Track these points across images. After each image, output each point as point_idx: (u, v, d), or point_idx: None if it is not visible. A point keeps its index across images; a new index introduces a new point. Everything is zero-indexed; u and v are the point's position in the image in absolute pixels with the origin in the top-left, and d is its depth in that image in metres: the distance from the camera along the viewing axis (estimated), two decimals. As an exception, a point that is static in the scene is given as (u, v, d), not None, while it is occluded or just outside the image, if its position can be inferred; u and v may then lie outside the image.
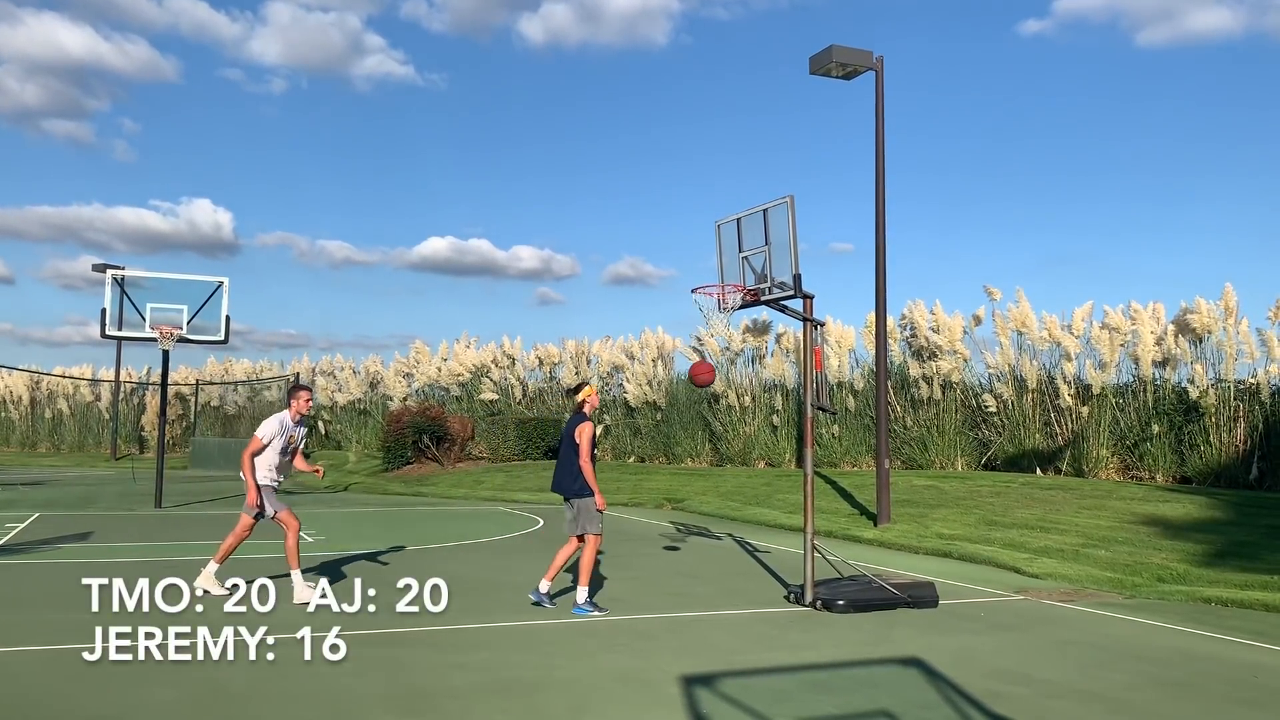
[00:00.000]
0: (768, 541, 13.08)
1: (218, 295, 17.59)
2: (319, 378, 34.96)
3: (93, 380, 38.59)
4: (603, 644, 6.97)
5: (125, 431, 37.18)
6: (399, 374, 32.20)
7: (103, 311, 16.98)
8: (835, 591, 8.45)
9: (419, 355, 32.19)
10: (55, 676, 5.85)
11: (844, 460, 19.99)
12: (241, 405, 36.31)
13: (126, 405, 37.70)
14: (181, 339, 17.37)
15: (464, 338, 31.29)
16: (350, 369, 34.64)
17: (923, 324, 19.43)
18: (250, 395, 35.99)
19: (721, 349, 22.89)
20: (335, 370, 35.12)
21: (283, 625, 7.40)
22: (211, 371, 38.96)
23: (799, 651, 6.88)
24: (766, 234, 8.29)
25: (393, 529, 14.45)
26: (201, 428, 36.68)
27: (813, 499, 8.67)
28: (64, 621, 7.32)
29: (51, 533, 12.79)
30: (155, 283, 17.76)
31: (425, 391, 31.03)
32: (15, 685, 5.63)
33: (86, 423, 38.13)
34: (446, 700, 5.50)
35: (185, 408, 37.42)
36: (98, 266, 31.12)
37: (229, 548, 8.88)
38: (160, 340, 17.11)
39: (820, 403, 8.55)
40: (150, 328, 17.15)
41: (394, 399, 30.95)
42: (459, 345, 31.14)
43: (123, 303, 17.12)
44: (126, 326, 17.31)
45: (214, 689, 5.63)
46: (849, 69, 13.68)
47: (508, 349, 29.64)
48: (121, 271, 17.78)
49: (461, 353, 30.55)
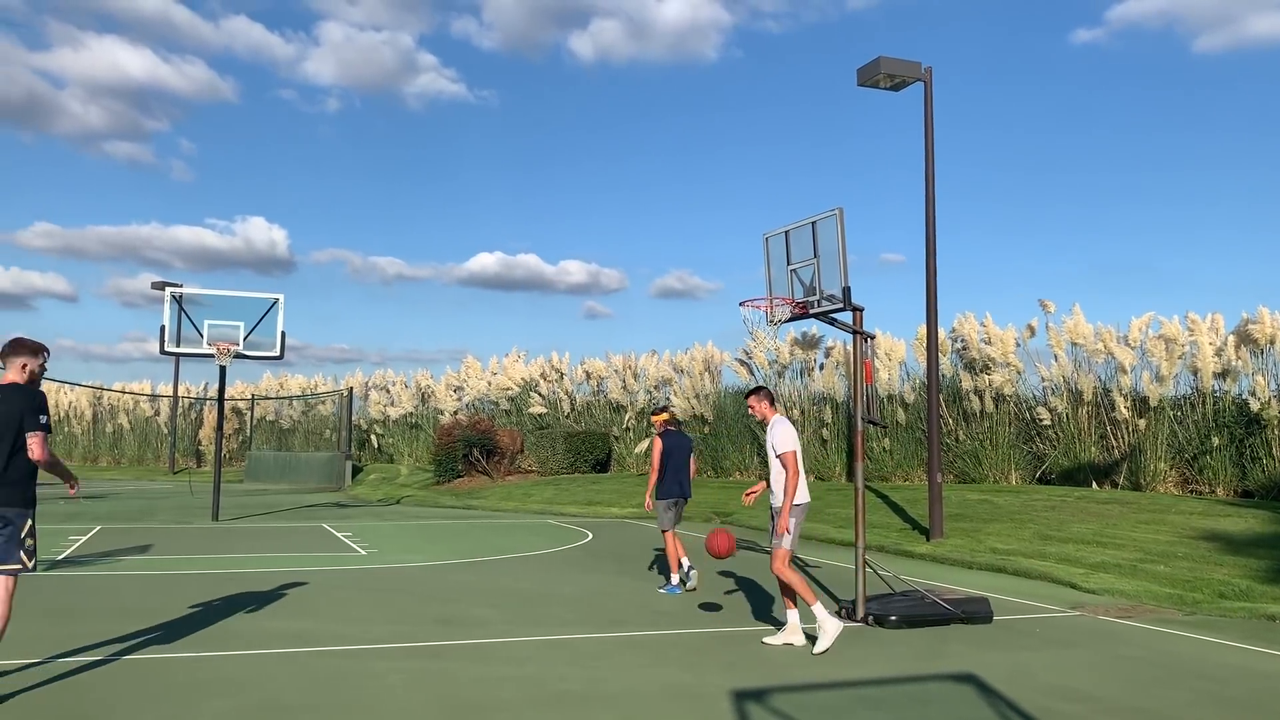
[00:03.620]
0: (818, 556, 12.98)
1: (273, 312, 17.92)
2: (372, 391, 35.39)
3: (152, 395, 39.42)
4: (652, 658, 6.96)
5: (183, 445, 37.93)
6: (449, 388, 32.52)
7: (161, 329, 17.36)
8: (887, 607, 8.37)
9: (469, 369, 32.49)
10: (116, 686, 5.97)
11: (895, 474, 19.79)
12: (296, 420, 36.85)
13: (184, 420, 38.46)
14: (238, 355, 17.71)
15: (513, 352, 31.54)
16: (402, 383, 35.04)
17: (974, 336, 19.21)
18: (305, 410, 36.51)
19: (769, 362, 22.81)
20: (388, 384, 35.55)
21: (335, 639, 7.52)
22: (267, 386, 39.63)
23: (851, 667, 6.81)
24: (815, 246, 8.26)
25: (444, 541, 14.57)
26: (257, 442, 37.30)
27: (864, 513, 8.60)
28: (124, 632, 7.49)
29: (113, 545, 13.07)
30: (212, 300, 18.15)
31: (475, 405, 31.30)
32: (77, 695, 5.75)
33: (146, 437, 38.95)
34: (496, 713, 5.52)
35: (241, 422, 38.08)
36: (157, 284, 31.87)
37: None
38: (217, 356, 17.45)
39: (871, 416, 8.49)
40: (208, 344, 17.51)
41: (444, 413, 31.24)
42: (508, 359, 31.37)
43: (181, 320, 17.50)
44: (185, 343, 17.68)
45: (268, 701, 5.71)
46: (897, 80, 13.61)
47: (556, 363, 29.80)
48: (180, 289, 18.17)
49: (510, 367, 30.77)
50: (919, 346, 19.44)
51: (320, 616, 8.37)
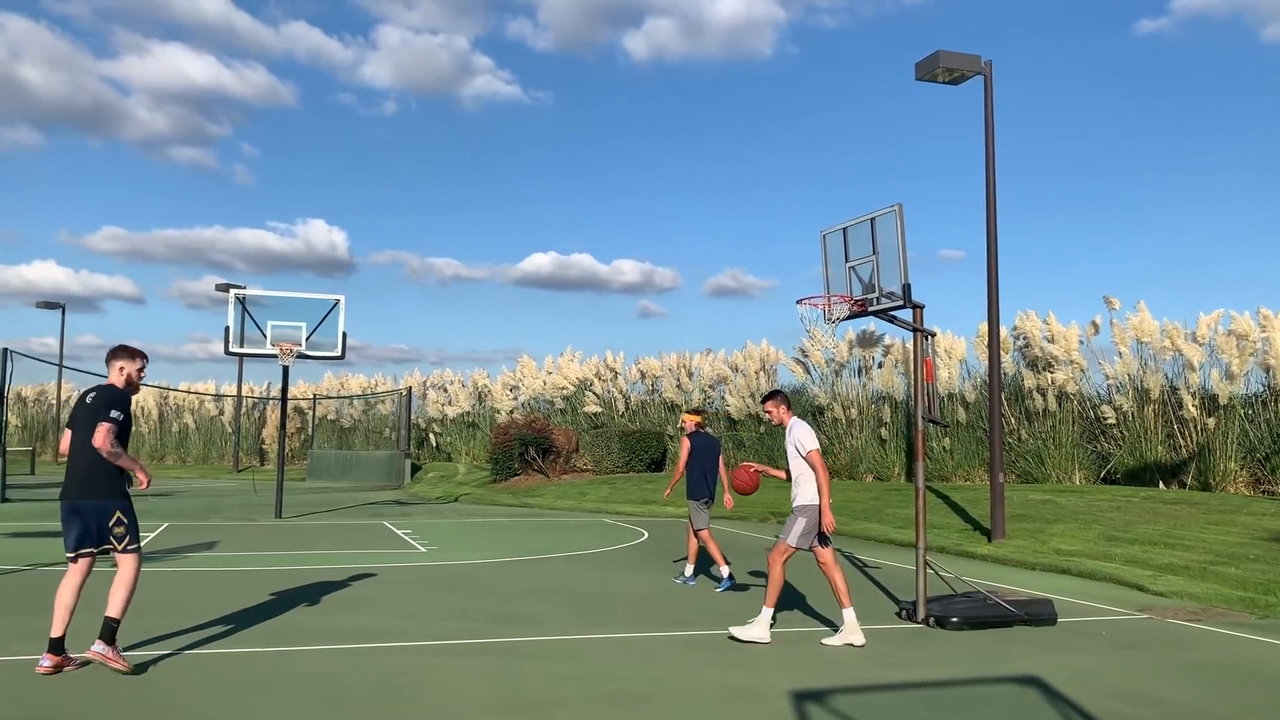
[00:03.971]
0: (877, 557, 12.86)
1: (334, 312, 18.19)
2: (430, 391, 35.78)
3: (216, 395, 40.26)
4: (711, 658, 6.95)
5: (247, 444, 38.68)
6: (505, 387, 32.77)
7: (226, 329, 17.71)
8: (949, 608, 8.26)
9: (524, 369, 32.71)
10: (185, 680, 6.10)
11: (955, 474, 19.54)
12: (357, 419, 37.38)
13: (248, 419, 39.22)
14: (300, 355, 18.01)
15: (568, 351, 31.70)
16: (459, 383, 35.38)
17: (1036, 334, 18.91)
18: (365, 409, 37.03)
19: (827, 360, 22.65)
20: (445, 384, 35.92)
21: (398, 634, 7.61)
22: (328, 386, 40.26)
23: (912, 668, 6.74)
24: (874, 243, 8.18)
25: (502, 539, 14.68)
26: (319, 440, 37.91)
27: (924, 513, 8.51)
28: (193, 627, 7.65)
29: (180, 542, 13.37)
30: (275, 301, 18.48)
31: (531, 404, 31.50)
32: (147, 688, 5.89)
33: (210, 436, 39.77)
34: (556, 710, 5.55)
35: (303, 421, 38.72)
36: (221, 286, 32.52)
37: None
38: (280, 357, 17.76)
39: (932, 415, 8.39)
40: (271, 345, 17.83)
41: (501, 412, 31.49)
42: (563, 359, 31.53)
43: (244, 321, 17.84)
44: (248, 344, 18.02)
45: (333, 695, 5.79)
46: (956, 74, 13.43)
47: (610, 362, 29.89)
48: (243, 291, 18.53)
49: (565, 366, 30.92)
50: (980, 344, 19.17)
51: (383, 613, 8.48)
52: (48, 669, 6.06)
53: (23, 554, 11.95)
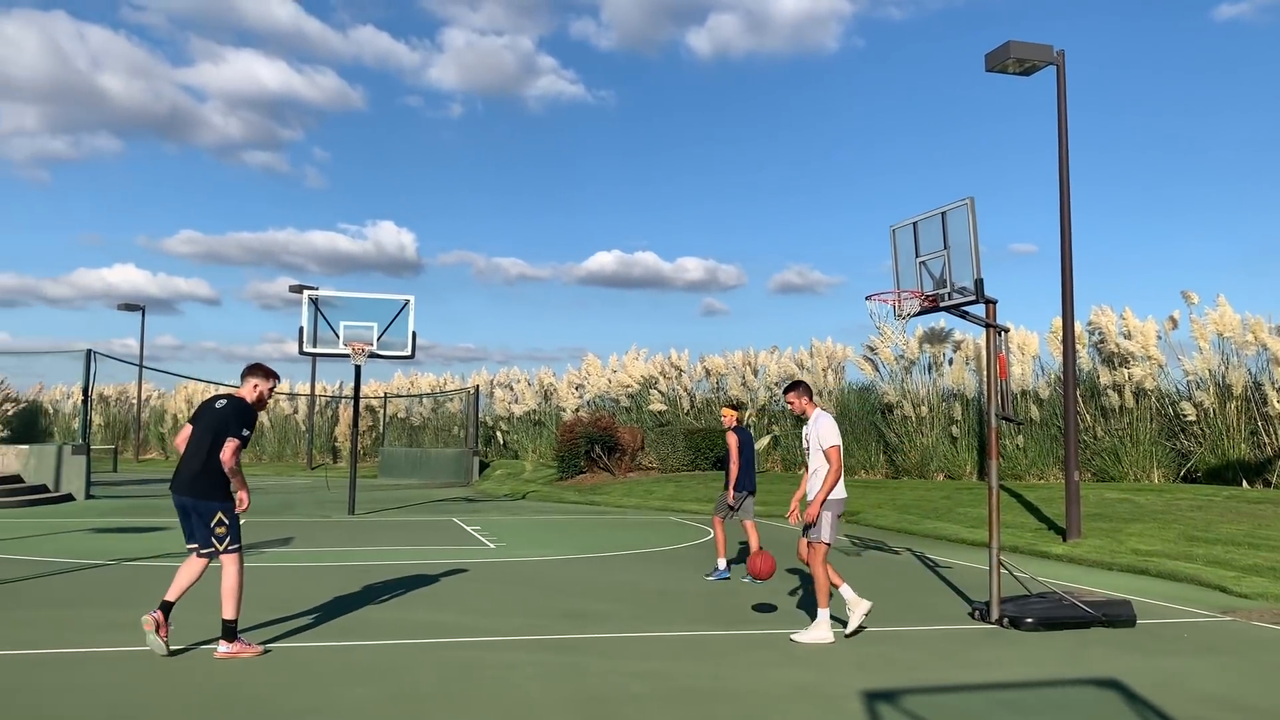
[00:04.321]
0: (949, 556, 12.67)
1: (404, 312, 18.45)
2: (497, 389, 36.12)
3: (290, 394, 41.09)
4: (779, 657, 6.91)
5: (320, 442, 39.44)
6: (571, 385, 32.93)
7: (300, 330, 18.07)
8: (1023, 608, 8.10)
9: (589, 367, 32.85)
10: (264, 673, 6.24)
11: (1029, 472, 19.17)
12: (426, 417, 37.88)
13: (321, 418, 39.97)
14: (372, 354, 18.30)
15: (632, 350, 31.75)
16: (525, 381, 35.65)
17: (1112, 329, 18.47)
18: (434, 407, 37.51)
19: (896, 357, 22.38)
20: (511, 382, 36.22)
21: (468, 630, 7.70)
22: (398, 385, 40.85)
23: (986, 669, 6.63)
24: (945, 237, 8.05)
25: (569, 537, 14.77)
26: (389, 438, 38.51)
27: (998, 512, 8.35)
28: (271, 621, 7.82)
29: (256, 537, 13.67)
30: (346, 302, 18.80)
31: (596, 402, 31.62)
32: (226, 680, 6.04)
33: (285, 434, 40.58)
34: (623, 706, 5.57)
35: (375, 419, 39.36)
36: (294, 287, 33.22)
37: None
38: (353, 356, 18.08)
39: (1005, 412, 8.24)
40: (344, 344, 18.15)
41: (566, 410, 31.66)
42: (628, 357, 31.59)
43: (317, 321, 18.18)
44: (321, 343, 18.37)
45: (407, 689, 5.88)
46: (1027, 65, 13.16)
47: (675, 360, 29.86)
48: (316, 292, 18.89)
49: (630, 364, 30.98)
50: (1053, 340, 18.79)
51: (453, 608, 8.58)
52: (148, 624, 6.46)
53: (107, 549, 12.34)
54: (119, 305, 41.06)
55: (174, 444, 6.84)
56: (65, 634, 7.30)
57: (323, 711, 5.39)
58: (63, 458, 20.80)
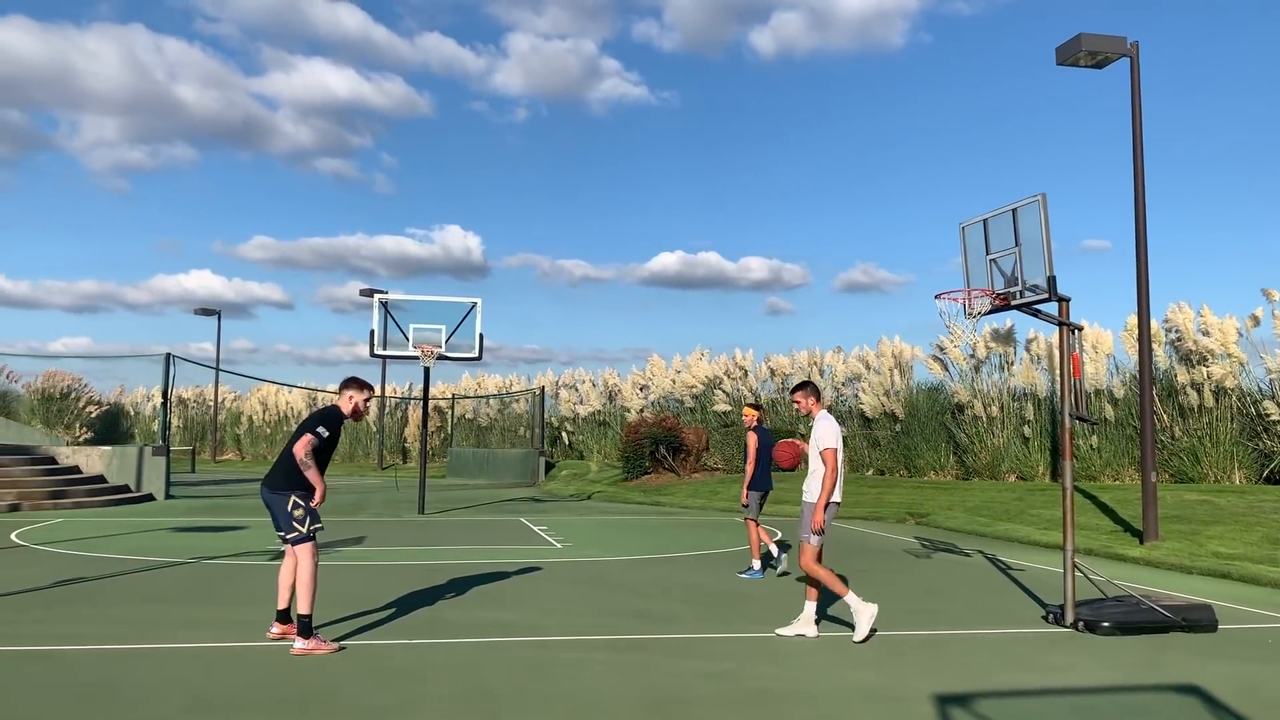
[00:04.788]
0: (1021, 559, 12.46)
1: (471, 315, 18.68)
2: (562, 390, 36.36)
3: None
4: (849, 659, 6.87)
5: (390, 443, 40.06)
6: (635, 386, 33.00)
7: (371, 333, 18.41)
8: (1099, 612, 7.94)
9: (654, 368, 32.88)
10: (339, 670, 6.38)
11: (1103, 473, 18.75)
12: (493, 418, 38.28)
13: (391, 419, 40.62)
14: (440, 357, 18.55)
15: (696, 350, 31.71)
16: (590, 382, 35.82)
17: (1190, 327, 17.98)
18: (500, 408, 37.89)
19: (966, 356, 22.06)
20: (576, 383, 36.42)
21: (538, 629, 7.78)
22: (465, 386, 41.32)
23: (1061, 674, 6.51)
24: (1016, 234, 7.93)
25: (635, 537, 14.82)
26: (457, 439, 38.99)
27: (1072, 514, 8.20)
28: (345, 618, 7.99)
29: (329, 537, 13.95)
30: (415, 305, 19.07)
31: (660, 403, 31.64)
32: (302, 677, 6.18)
33: (356, 435, 41.29)
34: (693, 707, 5.58)
35: (443, 420, 39.88)
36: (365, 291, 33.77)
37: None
38: (422, 358, 18.35)
39: (1079, 412, 8.08)
40: (413, 347, 18.43)
41: (631, 411, 31.74)
42: (692, 357, 31.56)
43: (387, 324, 18.49)
44: (391, 346, 18.68)
45: (478, 687, 5.97)
46: (1100, 57, 12.89)
47: (739, 360, 29.76)
48: (386, 295, 19.22)
49: (694, 365, 30.94)
50: (1128, 338, 18.36)
51: (522, 607, 8.68)
52: (275, 634, 7.09)
53: (186, 547, 12.69)
54: (196, 310, 42.14)
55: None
56: (149, 629, 7.53)
57: (397, 708, 5.50)
58: (144, 459, 21.45)
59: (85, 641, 7.08)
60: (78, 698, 5.61)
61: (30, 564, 11.03)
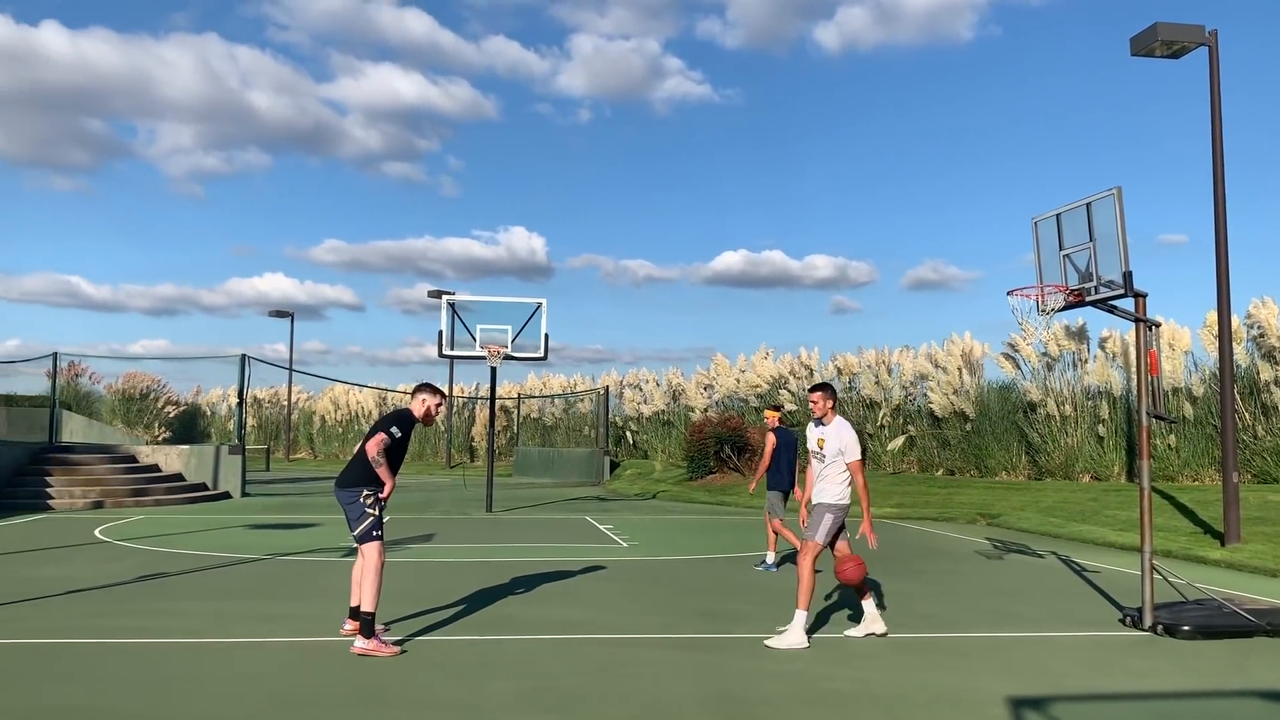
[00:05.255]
0: (1096, 560, 12.18)
1: (537, 315, 18.81)
2: (626, 390, 36.44)
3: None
4: (919, 661, 6.78)
5: (458, 442, 40.54)
6: (699, 386, 32.93)
7: (439, 334, 18.64)
8: (1179, 615, 7.73)
9: (718, 367, 32.78)
10: (408, 665, 6.47)
11: (1182, 473, 18.26)
12: (558, 417, 38.53)
13: (458, 418, 41.09)
14: (507, 357, 18.71)
15: (761, 349, 31.54)
16: (654, 381, 35.84)
17: (1273, 323, 17.43)
18: (565, 408, 38.11)
19: (1038, 354, 21.63)
20: (640, 383, 36.47)
21: (605, 627, 7.80)
22: (531, 386, 41.63)
23: (1139, 678, 6.35)
24: (1091, 229, 7.75)
25: (701, 537, 14.79)
26: (523, 438, 39.31)
27: (1150, 514, 7.99)
28: (416, 614, 8.10)
29: (399, 534, 14.16)
30: (482, 306, 19.25)
31: (725, 402, 31.54)
32: (373, 672, 6.28)
33: (425, 435, 41.81)
34: (761, 707, 5.55)
35: (509, 420, 40.24)
36: (433, 293, 34.21)
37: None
38: (489, 358, 18.53)
39: (1156, 410, 7.88)
40: (480, 347, 18.62)
41: (695, 410, 31.69)
42: (756, 356, 31.40)
43: (454, 325, 18.71)
44: (458, 346, 18.89)
45: (546, 684, 6.01)
46: (1176, 47, 12.54)
47: (805, 359, 29.54)
48: (453, 296, 19.44)
49: (759, 364, 30.78)
50: (1207, 334, 17.85)
51: (589, 605, 8.71)
52: (348, 631, 7.20)
53: (261, 544, 12.98)
54: (270, 312, 43.07)
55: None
56: (224, 624, 7.72)
57: (466, 704, 5.56)
58: (220, 457, 22.00)
59: (166, 635, 7.28)
60: (160, 690, 5.77)
61: (114, 559, 11.37)
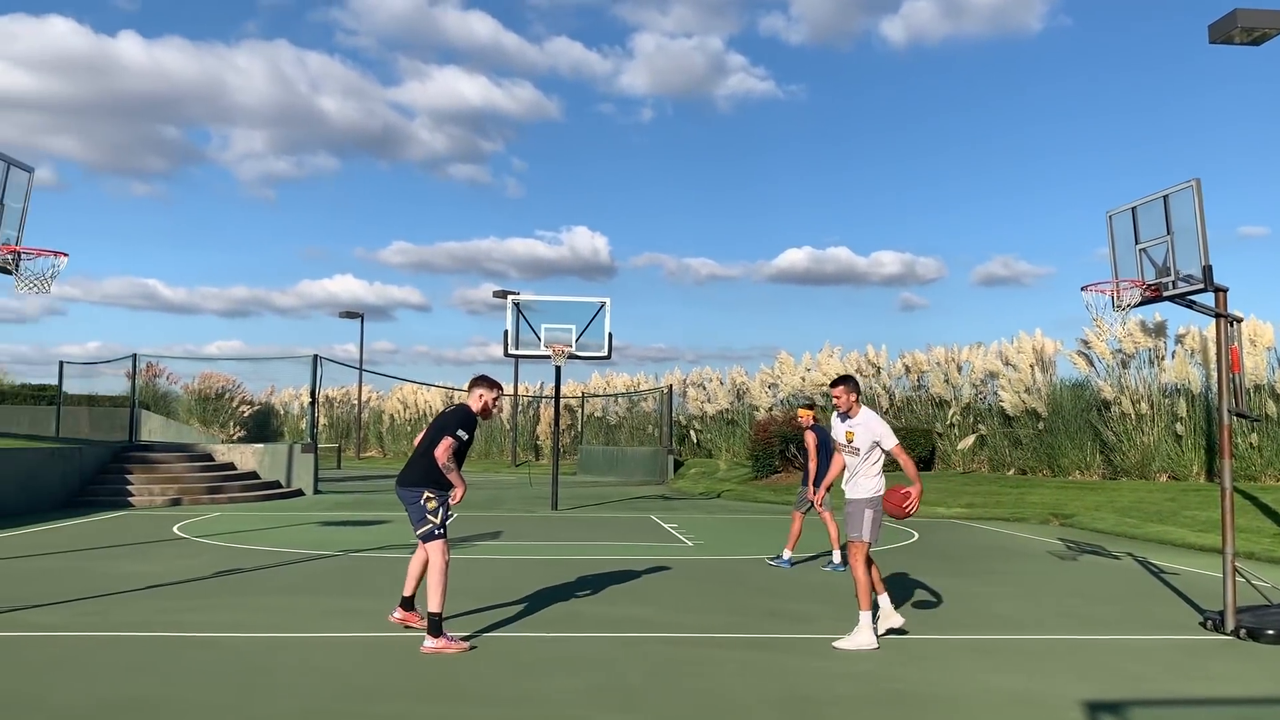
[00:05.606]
0: (1174, 562, 11.87)
1: (600, 315, 18.87)
2: (690, 389, 36.39)
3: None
4: (993, 662, 6.66)
5: (523, 440, 40.87)
6: (764, 384, 32.75)
7: (505, 333, 18.80)
8: (1263, 619, 7.50)
9: (783, 366, 32.55)
10: (475, 661, 6.54)
11: (1264, 473, 17.71)
12: (622, 416, 38.62)
13: (524, 417, 41.43)
14: (571, 356, 18.82)
15: (826, 347, 31.26)
16: (717, 380, 35.74)
17: (1363, 316, 16.80)
18: (629, 407, 38.20)
19: (1112, 351, 21.14)
20: (704, 382, 36.39)
21: (671, 626, 7.80)
22: (595, 385, 41.79)
23: (1221, 683, 6.17)
24: (1168, 222, 7.55)
25: (766, 536, 14.71)
26: (587, 437, 39.50)
27: (1232, 515, 7.76)
28: (483, 609, 8.18)
29: (467, 531, 14.31)
30: (546, 305, 19.37)
31: (789, 401, 31.33)
32: (443, 668, 6.36)
33: (490, 432, 42.24)
34: (830, 708, 5.51)
35: (573, 418, 40.46)
36: (498, 293, 34.54)
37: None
38: (553, 357, 18.65)
39: (1238, 408, 7.65)
40: (544, 346, 18.75)
41: (760, 409, 31.53)
42: (822, 355, 31.12)
43: (519, 324, 18.86)
44: (523, 346, 19.04)
45: (613, 682, 6.02)
46: (1257, 33, 12.05)
47: (872, 357, 29.22)
48: (518, 296, 19.60)
49: (825, 362, 30.50)
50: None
51: (655, 604, 8.72)
52: (396, 619, 7.37)
53: (334, 540, 13.22)
54: (340, 313, 43.83)
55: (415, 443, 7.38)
56: (301, 619, 7.88)
57: (534, 700, 5.60)
58: (293, 455, 22.46)
59: (242, 629, 7.45)
60: (237, 683, 5.91)
61: (191, 555, 11.67)
